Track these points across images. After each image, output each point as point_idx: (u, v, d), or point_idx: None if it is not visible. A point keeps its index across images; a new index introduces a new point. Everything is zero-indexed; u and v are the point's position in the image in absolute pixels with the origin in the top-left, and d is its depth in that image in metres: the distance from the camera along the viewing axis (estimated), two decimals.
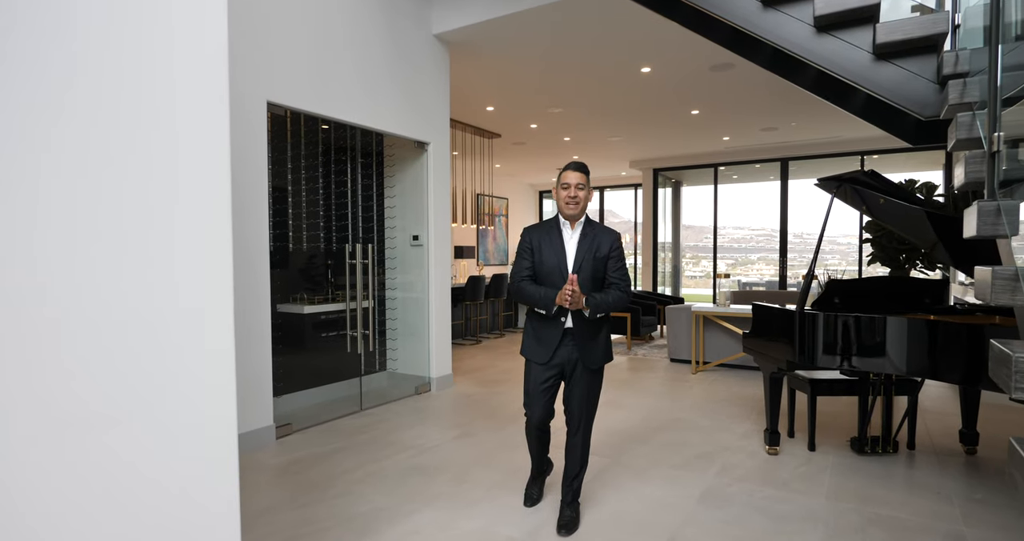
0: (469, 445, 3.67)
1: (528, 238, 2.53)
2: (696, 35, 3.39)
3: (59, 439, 1.33)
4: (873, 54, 2.59)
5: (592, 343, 2.49)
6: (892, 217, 3.23)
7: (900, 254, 6.82)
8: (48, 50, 1.31)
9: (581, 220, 2.51)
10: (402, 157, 5.31)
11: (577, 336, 2.44)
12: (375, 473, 3.21)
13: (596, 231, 2.50)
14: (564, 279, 2.41)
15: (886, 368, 2.81)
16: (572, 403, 2.55)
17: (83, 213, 1.37)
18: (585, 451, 2.61)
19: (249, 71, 3.60)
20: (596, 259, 2.44)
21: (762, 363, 3.49)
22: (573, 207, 2.44)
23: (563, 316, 2.44)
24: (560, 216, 2.52)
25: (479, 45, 5.23)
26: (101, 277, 1.40)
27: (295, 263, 4.68)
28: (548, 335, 2.48)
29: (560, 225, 2.52)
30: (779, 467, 3.27)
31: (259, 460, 3.42)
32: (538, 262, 2.48)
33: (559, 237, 2.49)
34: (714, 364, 5.98)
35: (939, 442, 3.68)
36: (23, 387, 1.28)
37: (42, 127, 1.31)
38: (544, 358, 2.49)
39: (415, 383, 5.14)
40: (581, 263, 2.44)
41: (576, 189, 2.44)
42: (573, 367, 2.50)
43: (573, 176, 2.45)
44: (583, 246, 2.45)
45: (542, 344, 2.49)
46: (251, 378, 3.62)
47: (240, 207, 3.56)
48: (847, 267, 12.59)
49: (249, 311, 3.61)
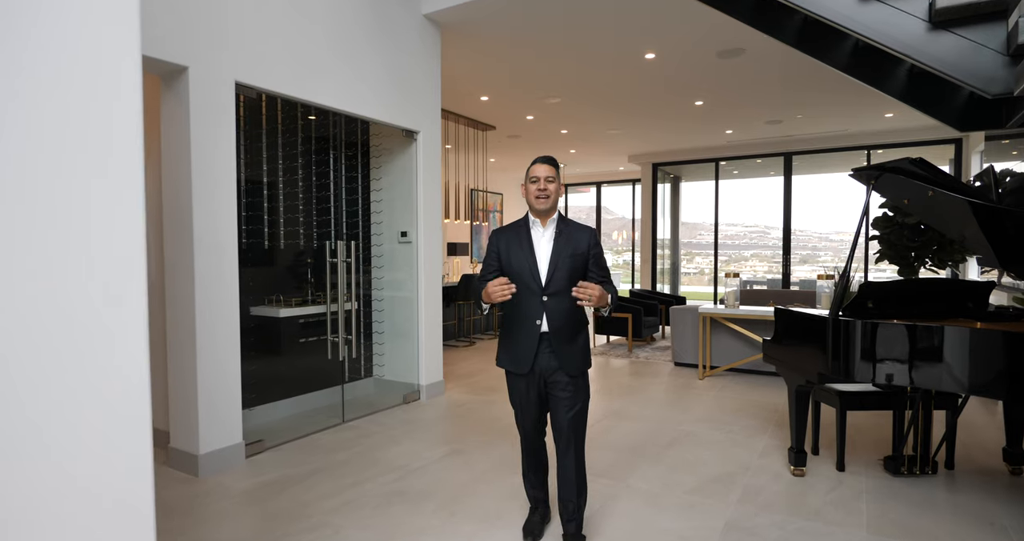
0: (460, 465, 3.30)
1: (495, 241, 2.35)
2: (707, 15, 3.02)
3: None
4: (929, 22, 2.24)
5: (571, 348, 2.26)
6: (936, 212, 2.88)
7: (910, 251, 6.50)
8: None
9: (553, 217, 2.31)
10: (389, 147, 4.92)
11: (555, 341, 2.24)
12: (353, 501, 2.84)
13: (571, 228, 2.31)
14: (535, 281, 2.23)
15: (943, 385, 2.46)
16: (558, 417, 2.29)
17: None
18: (581, 476, 2.31)
19: (215, 47, 3.20)
20: (574, 257, 2.25)
21: (786, 374, 3.14)
22: (544, 201, 2.25)
23: (538, 319, 2.23)
24: (530, 215, 2.33)
25: (472, 27, 4.84)
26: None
27: (271, 262, 4.29)
28: (524, 342, 2.26)
29: (530, 224, 2.32)
30: (808, 491, 2.92)
31: (223, 484, 3.04)
32: (506, 265, 2.30)
33: (528, 237, 2.29)
34: (723, 369, 5.64)
35: (979, 460, 3.35)
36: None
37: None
38: (523, 368, 2.27)
39: (403, 391, 4.76)
40: (557, 262, 2.24)
41: (545, 182, 2.25)
42: (553, 375, 2.26)
43: (542, 168, 2.26)
44: (559, 244, 2.26)
45: (519, 353, 2.28)
46: (216, 390, 3.23)
47: (203, 200, 3.16)
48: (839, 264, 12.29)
49: (214, 315, 3.22)
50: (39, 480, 1.16)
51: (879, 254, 6.74)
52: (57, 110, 1.18)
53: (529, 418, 2.35)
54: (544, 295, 2.22)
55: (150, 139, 3.52)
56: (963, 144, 8.44)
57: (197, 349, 3.15)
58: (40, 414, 1.16)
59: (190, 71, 3.10)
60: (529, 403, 2.32)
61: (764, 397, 4.80)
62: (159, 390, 3.56)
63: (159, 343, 3.53)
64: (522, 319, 2.25)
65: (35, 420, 1.15)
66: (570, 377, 2.25)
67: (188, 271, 3.14)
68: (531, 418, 2.35)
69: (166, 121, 3.22)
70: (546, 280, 2.23)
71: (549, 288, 2.22)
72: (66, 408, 1.20)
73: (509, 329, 2.32)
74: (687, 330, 5.93)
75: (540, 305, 2.22)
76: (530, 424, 2.36)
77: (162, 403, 3.53)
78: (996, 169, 3.29)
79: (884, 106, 7.27)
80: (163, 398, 3.49)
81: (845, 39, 2.93)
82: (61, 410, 1.19)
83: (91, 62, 1.23)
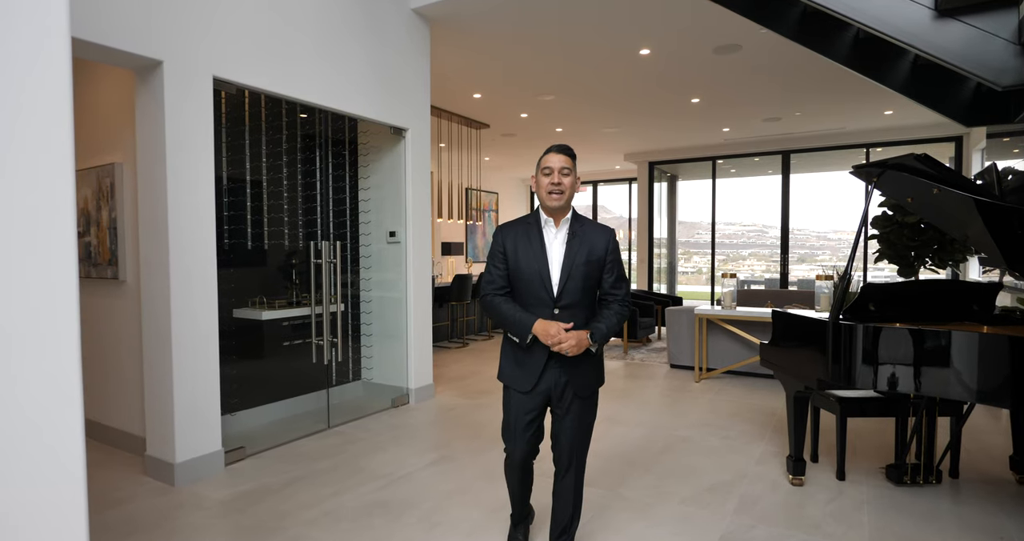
0: (446, 473, 3.19)
1: (501, 239, 2.07)
2: (703, 9, 2.90)
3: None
4: (935, 10, 2.12)
5: (583, 365, 2.03)
6: (940, 210, 2.76)
7: (909, 251, 6.40)
8: None
9: (567, 216, 2.06)
10: (378, 145, 4.79)
11: (565, 357, 1.99)
12: (333, 511, 2.71)
13: (587, 229, 2.05)
14: (546, 290, 1.98)
15: (951, 393, 2.34)
16: (561, 437, 2.09)
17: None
18: (578, 497, 2.15)
19: (191, 41, 3.08)
20: (589, 263, 2.00)
21: (785, 380, 3.03)
22: (557, 197, 1.99)
23: None
24: (541, 212, 2.06)
25: (463, 22, 4.72)
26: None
27: (255, 263, 4.17)
28: (531, 357, 2.03)
29: (541, 223, 2.05)
30: (807, 501, 2.81)
31: (199, 494, 2.92)
32: (514, 269, 2.03)
33: (539, 238, 2.03)
34: (719, 371, 5.52)
35: (983, 468, 3.24)
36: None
37: None
38: (527, 386, 2.04)
39: (392, 394, 4.64)
40: (570, 270, 1.99)
41: (560, 175, 1.98)
42: (561, 394, 2.04)
43: (556, 158, 2.00)
44: (572, 248, 2.00)
45: (524, 368, 2.04)
46: (193, 395, 3.11)
47: (180, 198, 3.04)
48: (838, 263, 12.20)
49: (192, 317, 3.10)
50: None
51: (878, 254, 6.63)
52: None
53: (524, 438, 2.08)
54: (555, 307, 1.98)
55: (127, 136, 3.40)
56: (964, 142, 8.33)
57: (173, 352, 3.02)
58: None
59: (165, 65, 2.97)
60: (526, 424, 2.06)
61: (761, 401, 4.69)
62: (136, 395, 3.44)
63: (135, 347, 3.41)
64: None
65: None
66: (580, 398, 2.04)
67: (163, 271, 3.02)
68: (525, 440, 2.08)
69: (141, 117, 3.09)
70: (558, 291, 1.98)
71: (561, 300, 1.98)
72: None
73: (515, 342, 2.05)
74: (683, 331, 5.82)
75: (550, 318, 1.98)
76: (524, 445, 2.09)
77: (139, 409, 3.41)
78: (998, 167, 3.18)
79: (884, 103, 7.16)
80: (140, 403, 3.37)
81: (846, 30, 2.82)
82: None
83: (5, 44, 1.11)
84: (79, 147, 3.78)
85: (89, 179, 3.63)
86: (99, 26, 2.69)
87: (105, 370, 3.67)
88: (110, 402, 3.65)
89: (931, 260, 6.28)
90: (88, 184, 3.64)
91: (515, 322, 1.98)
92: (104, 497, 2.87)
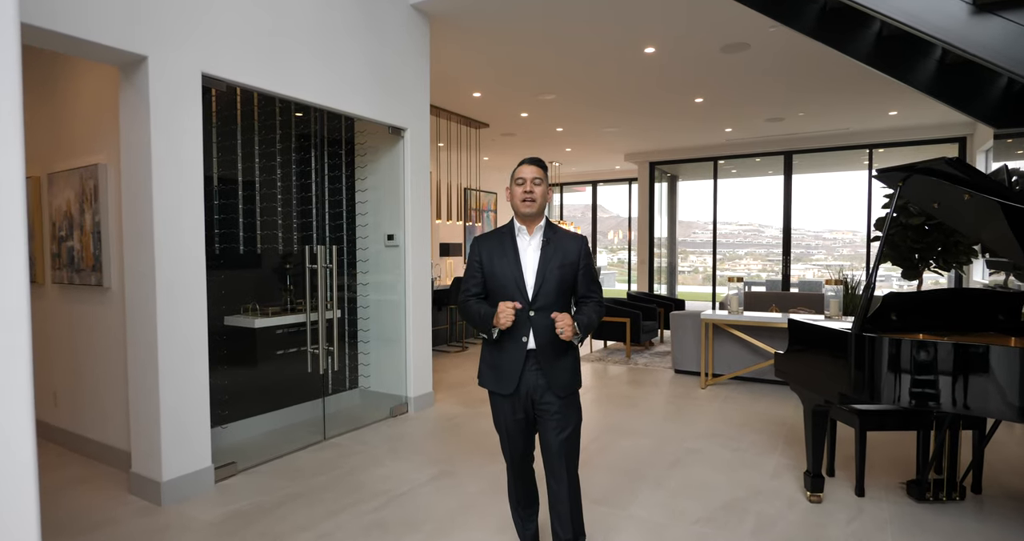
0: (448, 489, 3.04)
1: (477, 250, 2.16)
2: (713, 6, 2.77)
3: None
4: (973, 4, 1.99)
5: (559, 366, 2.08)
6: (960, 213, 2.63)
7: (913, 253, 6.29)
8: None
9: (540, 224, 2.15)
10: (375, 145, 4.64)
11: (542, 359, 2.06)
12: (330, 534, 2.57)
13: (559, 236, 2.14)
14: (521, 294, 2.06)
15: (991, 411, 2.20)
16: (548, 440, 2.09)
17: None
18: (576, 510, 2.10)
19: (178, 36, 2.92)
20: (563, 267, 2.08)
21: (802, 393, 2.90)
22: (530, 205, 2.08)
23: (524, 335, 2.04)
24: (515, 221, 2.16)
25: (464, 19, 4.57)
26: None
27: (247, 268, 4.01)
28: (509, 360, 2.08)
29: (515, 232, 2.14)
30: (827, 521, 2.68)
31: (186, 515, 2.77)
32: (489, 275, 2.12)
33: (513, 245, 2.12)
34: (726, 377, 5.40)
35: (1008, 483, 3.11)
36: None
37: None
38: (508, 388, 2.08)
39: (390, 403, 4.50)
40: (544, 274, 2.06)
41: (532, 184, 2.08)
42: (541, 396, 2.07)
43: (529, 169, 2.10)
44: (547, 253, 2.09)
45: (503, 371, 2.09)
46: (181, 408, 2.96)
47: (165, 201, 2.88)
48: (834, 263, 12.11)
49: (179, 325, 2.94)
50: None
51: (881, 255, 6.52)
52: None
53: (516, 443, 2.16)
54: (531, 310, 2.04)
55: (112, 136, 3.24)
56: (967, 143, 8.24)
57: (160, 363, 2.87)
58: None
59: (150, 61, 2.81)
60: (516, 427, 2.13)
61: (771, 408, 4.56)
62: (121, 407, 3.28)
63: (120, 356, 3.25)
64: (507, 335, 2.06)
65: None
66: (559, 398, 2.07)
67: (149, 278, 2.87)
68: (518, 443, 2.16)
69: (125, 116, 2.93)
70: (533, 293, 2.05)
71: (536, 302, 2.04)
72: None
73: (492, 345, 2.12)
74: (688, 336, 5.68)
75: (526, 320, 2.04)
76: (518, 450, 2.17)
77: (124, 421, 3.25)
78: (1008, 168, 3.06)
79: (888, 103, 7.05)
80: (125, 416, 3.22)
81: (868, 27, 2.69)
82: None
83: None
84: (61, 147, 3.62)
85: (72, 181, 3.47)
86: (80, 19, 2.53)
87: (89, 380, 3.51)
88: (94, 414, 3.50)
89: (935, 262, 6.18)
90: (71, 186, 3.48)
91: (480, 316, 2.06)
92: (85, 519, 2.71)
